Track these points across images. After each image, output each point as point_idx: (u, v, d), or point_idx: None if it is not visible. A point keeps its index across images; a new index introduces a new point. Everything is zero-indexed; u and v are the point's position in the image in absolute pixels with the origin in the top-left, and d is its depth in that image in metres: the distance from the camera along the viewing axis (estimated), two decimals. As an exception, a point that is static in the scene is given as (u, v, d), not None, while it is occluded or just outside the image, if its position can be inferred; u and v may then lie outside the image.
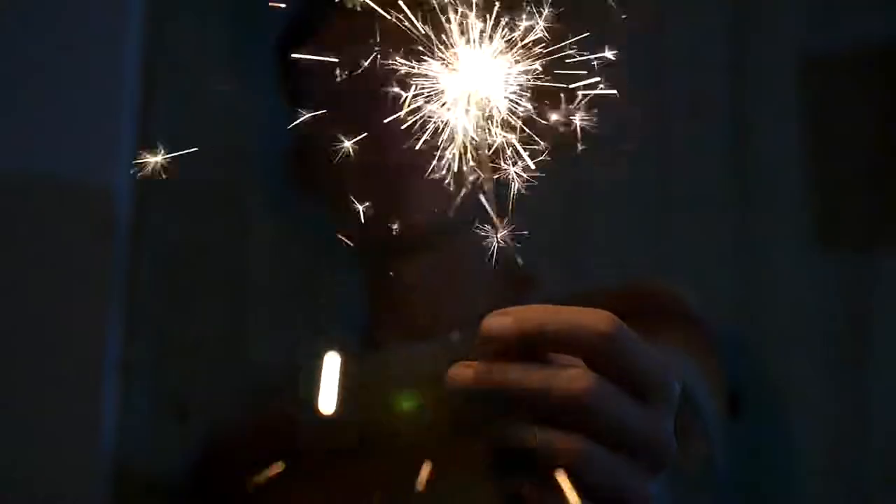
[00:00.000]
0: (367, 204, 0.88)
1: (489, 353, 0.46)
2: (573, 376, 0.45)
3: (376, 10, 0.57)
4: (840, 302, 1.13)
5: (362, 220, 0.89)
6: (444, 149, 0.55)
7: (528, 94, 0.54)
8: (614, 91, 0.53)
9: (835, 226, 1.14)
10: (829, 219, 1.14)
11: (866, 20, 1.16)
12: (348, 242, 0.94)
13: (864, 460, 1.11)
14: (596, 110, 0.53)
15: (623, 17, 0.53)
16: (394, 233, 0.86)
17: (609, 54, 0.52)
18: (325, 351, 1.01)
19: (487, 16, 0.53)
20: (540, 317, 0.45)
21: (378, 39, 0.56)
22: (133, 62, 1.18)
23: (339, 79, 0.86)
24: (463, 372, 0.46)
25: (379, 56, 0.57)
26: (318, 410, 0.86)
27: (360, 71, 0.71)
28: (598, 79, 0.53)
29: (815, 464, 1.11)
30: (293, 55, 0.93)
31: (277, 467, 0.79)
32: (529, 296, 0.88)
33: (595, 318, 0.45)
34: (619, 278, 0.86)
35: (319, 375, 0.94)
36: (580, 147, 0.55)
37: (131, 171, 1.14)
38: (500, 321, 0.46)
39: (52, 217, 1.15)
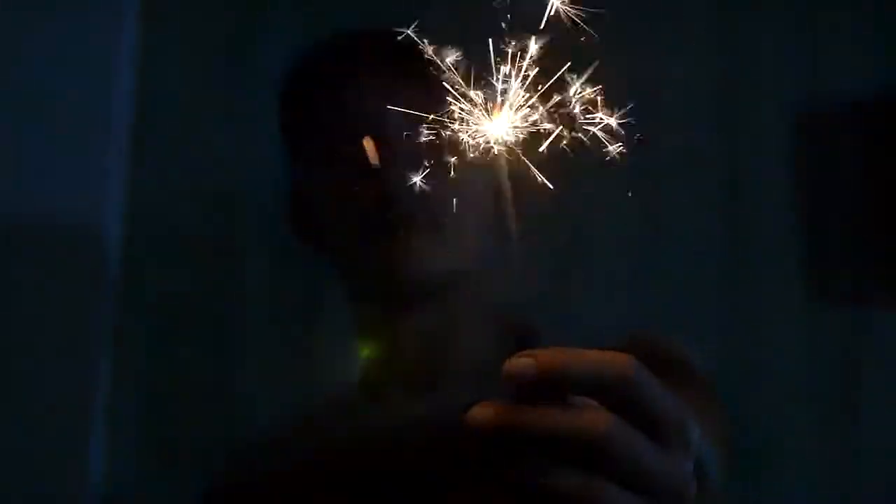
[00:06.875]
0: (367, 253, 0.88)
1: (511, 395, 0.46)
2: (594, 418, 0.45)
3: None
4: (831, 358, 1.14)
5: (361, 270, 0.89)
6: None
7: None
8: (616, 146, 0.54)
9: (825, 283, 1.16)
10: (820, 277, 1.15)
11: (856, 77, 1.19)
12: (346, 292, 0.94)
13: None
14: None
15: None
16: (392, 282, 0.86)
17: (612, 120, 0.53)
18: (318, 401, 1.00)
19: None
20: (562, 359, 0.46)
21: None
22: (124, 106, 1.18)
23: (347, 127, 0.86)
24: (484, 412, 0.46)
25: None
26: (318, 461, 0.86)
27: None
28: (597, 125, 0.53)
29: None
30: (299, 99, 0.93)
31: None
32: (527, 347, 0.87)
33: (617, 362, 0.46)
34: (616, 331, 0.86)
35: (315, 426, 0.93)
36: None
37: (121, 218, 1.15)
38: (523, 363, 0.46)
39: (40, 264, 1.14)
